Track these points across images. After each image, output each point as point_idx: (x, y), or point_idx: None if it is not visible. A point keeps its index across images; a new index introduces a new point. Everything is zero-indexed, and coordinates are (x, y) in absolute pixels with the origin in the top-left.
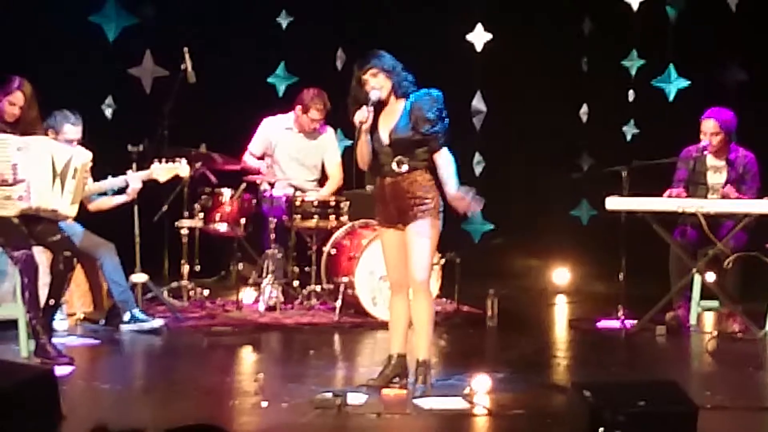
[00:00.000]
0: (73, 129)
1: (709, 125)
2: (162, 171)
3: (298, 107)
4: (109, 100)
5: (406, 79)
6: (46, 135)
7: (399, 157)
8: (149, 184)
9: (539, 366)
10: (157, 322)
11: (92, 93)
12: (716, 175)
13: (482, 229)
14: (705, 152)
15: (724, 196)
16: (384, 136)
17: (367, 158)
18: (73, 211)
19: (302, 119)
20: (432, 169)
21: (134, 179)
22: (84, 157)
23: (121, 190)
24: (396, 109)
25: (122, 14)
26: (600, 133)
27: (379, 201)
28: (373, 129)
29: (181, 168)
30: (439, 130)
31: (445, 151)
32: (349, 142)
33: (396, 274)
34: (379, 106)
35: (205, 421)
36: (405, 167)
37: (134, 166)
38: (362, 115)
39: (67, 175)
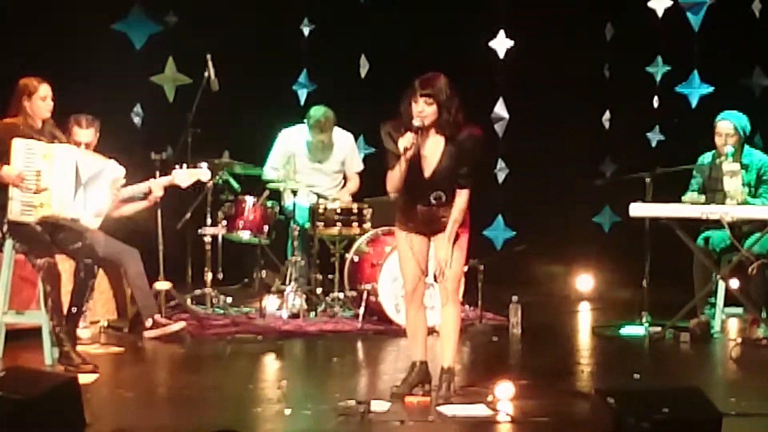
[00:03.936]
0: (81, 132)
1: (726, 126)
2: (183, 176)
3: (306, 123)
4: (137, 108)
5: (455, 120)
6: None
7: (437, 192)
8: (172, 192)
9: (563, 373)
10: (178, 325)
11: (118, 101)
12: (732, 179)
13: (504, 236)
14: (728, 157)
15: None
16: (426, 170)
17: (400, 185)
18: (95, 223)
19: (314, 140)
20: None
21: (156, 186)
22: (117, 172)
23: (144, 196)
24: (437, 142)
25: (146, 22)
26: (623, 139)
27: (407, 215)
28: (416, 157)
29: (203, 173)
30: (471, 171)
31: (466, 192)
32: (370, 150)
33: (411, 282)
34: (419, 130)
35: (228, 429)
36: (442, 200)
37: (157, 173)
38: (407, 142)
39: (96, 188)
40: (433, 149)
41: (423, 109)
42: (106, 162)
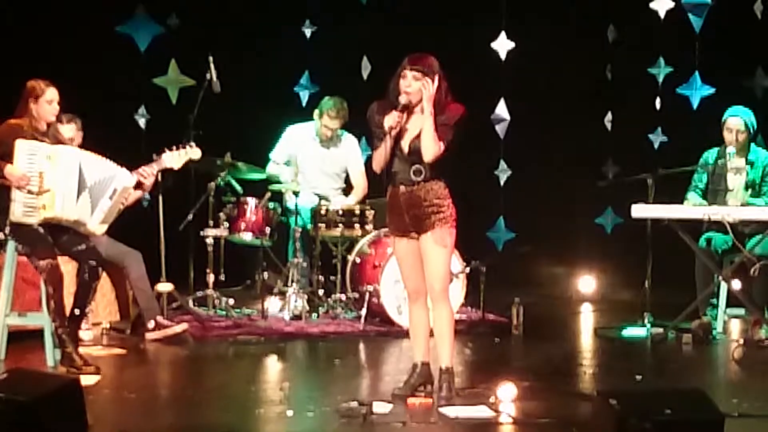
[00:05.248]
0: (61, 127)
1: (737, 122)
2: (174, 158)
3: (316, 113)
4: (141, 110)
5: (441, 102)
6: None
7: (417, 165)
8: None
9: (565, 374)
10: (180, 327)
11: (122, 104)
12: (737, 176)
13: (505, 237)
14: (730, 158)
15: None
16: (404, 145)
17: (385, 163)
18: (101, 229)
19: (320, 126)
20: (447, 181)
21: (147, 173)
22: (127, 180)
23: (137, 186)
24: (420, 120)
25: (150, 24)
26: (625, 140)
27: (393, 210)
28: (399, 135)
29: (193, 152)
30: (450, 136)
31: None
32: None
33: (413, 283)
34: (405, 109)
35: (230, 430)
36: (422, 176)
37: (159, 175)
38: (392, 120)
39: (104, 194)
40: (416, 126)
41: (410, 84)
42: (116, 169)
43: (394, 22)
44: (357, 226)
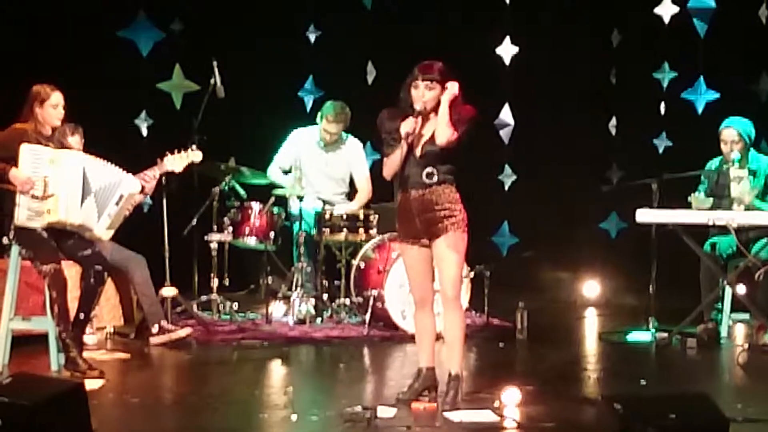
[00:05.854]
0: (71, 139)
1: (730, 134)
2: (176, 161)
3: (318, 117)
4: (143, 114)
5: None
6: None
7: (429, 168)
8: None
9: (569, 379)
10: (184, 331)
11: (124, 108)
12: (740, 185)
13: (509, 242)
14: (734, 163)
15: None
16: (417, 150)
17: (397, 169)
18: (107, 235)
19: (322, 130)
20: (458, 185)
21: (148, 178)
22: (133, 186)
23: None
24: (433, 124)
25: (151, 29)
26: (629, 145)
27: (403, 216)
28: (411, 141)
29: (194, 155)
30: (461, 122)
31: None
32: (377, 156)
33: (420, 291)
34: (420, 115)
35: None
36: (435, 179)
37: (163, 179)
38: (409, 127)
39: (109, 199)
40: (429, 130)
41: (424, 94)
42: (122, 175)
43: (399, 27)
44: (361, 230)
